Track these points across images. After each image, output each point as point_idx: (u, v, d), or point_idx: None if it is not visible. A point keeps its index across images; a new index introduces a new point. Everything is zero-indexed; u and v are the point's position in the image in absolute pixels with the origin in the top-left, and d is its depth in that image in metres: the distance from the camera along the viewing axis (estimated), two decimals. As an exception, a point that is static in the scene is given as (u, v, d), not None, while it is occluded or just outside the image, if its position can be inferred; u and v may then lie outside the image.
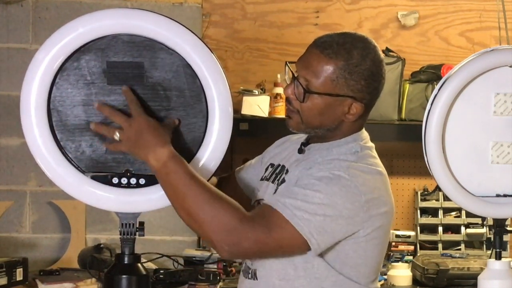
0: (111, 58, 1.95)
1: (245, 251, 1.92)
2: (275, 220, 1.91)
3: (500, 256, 2.29)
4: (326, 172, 1.97)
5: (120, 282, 1.96)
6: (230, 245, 1.88)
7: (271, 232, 1.90)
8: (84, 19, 1.93)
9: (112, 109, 1.93)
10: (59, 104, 1.96)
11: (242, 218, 1.89)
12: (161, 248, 4.01)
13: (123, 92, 1.93)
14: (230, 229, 1.87)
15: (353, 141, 2.09)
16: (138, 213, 1.99)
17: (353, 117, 2.06)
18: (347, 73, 2.00)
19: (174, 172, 1.89)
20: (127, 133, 1.91)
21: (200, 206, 1.88)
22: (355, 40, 2.03)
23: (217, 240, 1.89)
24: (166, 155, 1.89)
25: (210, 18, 4.39)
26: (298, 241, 1.92)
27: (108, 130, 1.93)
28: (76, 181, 1.96)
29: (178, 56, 1.96)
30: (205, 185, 1.91)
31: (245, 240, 1.89)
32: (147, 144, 1.89)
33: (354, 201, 1.95)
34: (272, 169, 2.19)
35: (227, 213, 1.88)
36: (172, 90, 1.97)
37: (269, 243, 1.91)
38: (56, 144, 1.96)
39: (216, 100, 1.97)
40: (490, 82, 2.25)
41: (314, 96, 2.02)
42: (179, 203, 1.91)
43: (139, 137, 1.89)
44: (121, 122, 1.91)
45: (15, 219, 4.17)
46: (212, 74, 1.96)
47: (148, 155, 1.90)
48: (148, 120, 1.91)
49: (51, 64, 1.92)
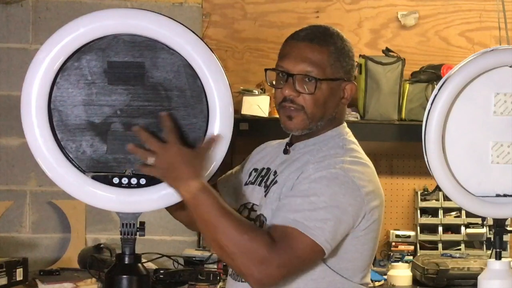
0: (112, 58, 1.95)
1: (277, 278, 1.93)
2: (293, 237, 1.93)
3: (500, 256, 2.29)
4: (323, 171, 2.00)
5: (120, 282, 1.96)
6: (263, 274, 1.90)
7: (294, 251, 1.92)
8: (85, 19, 1.93)
9: (149, 135, 1.93)
10: (59, 104, 1.96)
11: (269, 246, 1.90)
12: (161, 248, 4.01)
13: (161, 117, 1.93)
14: (261, 259, 1.90)
15: (337, 135, 2.14)
16: (138, 213, 1.99)
17: (346, 101, 2.15)
18: (340, 56, 2.11)
19: (204, 204, 1.91)
20: (161, 160, 1.91)
21: (230, 239, 1.91)
22: (325, 28, 2.14)
23: (250, 273, 1.91)
24: (197, 187, 1.91)
25: (210, 18, 4.39)
26: (316, 251, 1.95)
27: (143, 154, 1.93)
28: (77, 181, 1.96)
29: (179, 56, 1.96)
30: (234, 216, 1.95)
31: (275, 267, 1.90)
32: (180, 175, 1.91)
33: (356, 196, 1.99)
34: (256, 173, 2.22)
35: (255, 243, 1.90)
36: (173, 90, 1.97)
37: (295, 262, 1.94)
38: (57, 144, 1.96)
39: (216, 100, 1.97)
40: (490, 82, 2.26)
41: (322, 85, 2.07)
42: (210, 235, 1.94)
43: (172, 167, 1.91)
44: (156, 149, 1.92)
45: (15, 219, 4.17)
46: (213, 74, 1.96)
47: (179, 186, 1.92)
48: (183, 151, 1.92)
49: (51, 64, 1.93)
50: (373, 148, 4.07)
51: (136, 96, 1.96)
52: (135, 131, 1.94)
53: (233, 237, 1.90)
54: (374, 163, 2.17)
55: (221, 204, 1.93)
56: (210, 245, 1.97)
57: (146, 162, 1.92)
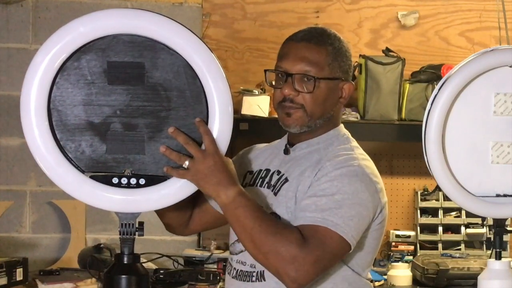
0: (112, 58, 1.95)
1: (311, 275, 1.97)
2: (324, 235, 1.98)
3: (500, 256, 2.29)
4: (343, 169, 2.06)
5: (119, 282, 1.96)
6: (297, 273, 1.94)
7: (325, 247, 1.97)
8: (85, 19, 1.93)
9: (187, 138, 1.94)
10: (59, 104, 1.95)
11: (300, 244, 1.95)
12: (161, 248, 4.01)
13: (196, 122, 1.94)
14: (292, 257, 1.94)
15: (339, 134, 2.20)
16: (138, 213, 1.99)
17: (344, 100, 2.19)
18: (338, 56, 2.15)
19: (243, 206, 1.98)
20: (198, 165, 1.94)
21: (265, 238, 1.96)
22: (322, 29, 2.18)
23: (284, 272, 1.95)
24: (236, 192, 1.98)
25: (210, 18, 4.39)
26: (345, 247, 2.01)
27: (179, 157, 1.94)
28: (76, 181, 1.96)
29: (178, 56, 1.96)
30: (269, 218, 2.01)
31: (307, 265, 1.95)
32: (219, 181, 1.96)
33: (373, 191, 2.07)
34: (252, 175, 2.25)
35: (287, 242, 1.95)
36: (172, 90, 1.97)
37: (327, 258, 1.99)
38: (56, 144, 1.95)
39: (216, 101, 1.97)
40: (490, 82, 2.25)
41: (320, 84, 2.11)
42: (247, 235, 1.98)
43: (210, 173, 1.94)
44: (194, 153, 1.94)
45: (15, 219, 4.17)
46: (212, 74, 1.96)
47: (220, 191, 1.97)
48: (221, 157, 1.96)
49: (51, 64, 1.92)
50: (373, 148, 4.07)
51: (136, 96, 1.96)
52: (171, 133, 1.94)
53: (268, 236, 1.96)
54: (374, 163, 2.18)
55: (258, 206, 2.01)
56: (246, 246, 2.01)
57: (183, 166, 1.94)
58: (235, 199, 1.97)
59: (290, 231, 1.98)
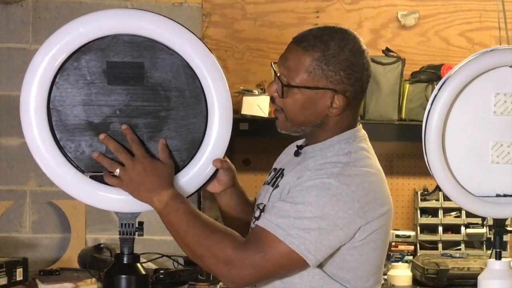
0: (112, 58, 1.95)
1: (246, 278, 1.92)
2: (268, 242, 1.90)
3: (500, 256, 2.29)
4: (316, 180, 1.93)
5: (119, 281, 1.96)
6: (232, 275, 1.91)
7: (266, 255, 1.89)
8: (84, 19, 1.93)
9: (117, 145, 1.94)
10: (59, 104, 1.96)
11: (236, 247, 1.90)
12: (161, 248, 4.00)
13: (123, 130, 1.95)
14: (227, 260, 1.89)
15: (346, 140, 2.04)
16: (137, 213, 2.00)
17: (336, 111, 2.00)
18: (324, 64, 1.96)
19: (175, 210, 1.94)
20: (130, 174, 1.93)
21: (199, 241, 1.92)
22: (333, 31, 1.99)
23: (220, 273, 1.92)
24: (168, 195, 1.94)
25: (210, 18, 4.38)
26: (295, 259, 1.91)
27: (110, 164, 1.95)
28: (76, 181, 1.96)
29: (178, 56, 1.96)
30: (204, 220, 1.95)
31: (243, 268, 1.89)
32: (151, 187, 1.93)
33: (347, 209, 1.91)
34: (274, 173, 2.17)
35: (222, 244, 1.90)
36: (172, 90, 1.97)
37: (268, 266, 1.91)
38: (56, 144, 1.96)
39: (215, 101, 1.97)
40: (490, 82, 2.26)
41: (294, 91, 1.98)
42: (181, 240, 1.95)
43: (142, 180, 1.93)
44: (124, 160, 1.94)
45: (15, 219, 4.17)
46: (211, 74, 1.96)
47: (152, 197, 1.94)
48: (152, 162, 1.94)
49: (51, 64, 1.93)
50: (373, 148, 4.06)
51: (136, 96, 1.96)
52: (102, 140, 1.95)
53: (202, 239, 1.91)
54: (374, 163, 2.15)
55: (190, 209, 1.95)
56: (183, 250, 1.97)
57: (114, 173, 1.94)
58: (167, 204, 1.93)
59: (225, 234, 1.92)
